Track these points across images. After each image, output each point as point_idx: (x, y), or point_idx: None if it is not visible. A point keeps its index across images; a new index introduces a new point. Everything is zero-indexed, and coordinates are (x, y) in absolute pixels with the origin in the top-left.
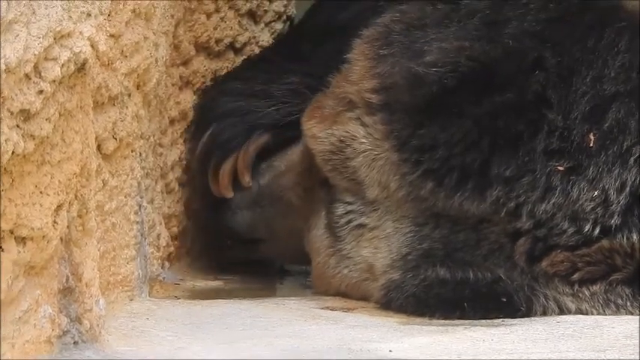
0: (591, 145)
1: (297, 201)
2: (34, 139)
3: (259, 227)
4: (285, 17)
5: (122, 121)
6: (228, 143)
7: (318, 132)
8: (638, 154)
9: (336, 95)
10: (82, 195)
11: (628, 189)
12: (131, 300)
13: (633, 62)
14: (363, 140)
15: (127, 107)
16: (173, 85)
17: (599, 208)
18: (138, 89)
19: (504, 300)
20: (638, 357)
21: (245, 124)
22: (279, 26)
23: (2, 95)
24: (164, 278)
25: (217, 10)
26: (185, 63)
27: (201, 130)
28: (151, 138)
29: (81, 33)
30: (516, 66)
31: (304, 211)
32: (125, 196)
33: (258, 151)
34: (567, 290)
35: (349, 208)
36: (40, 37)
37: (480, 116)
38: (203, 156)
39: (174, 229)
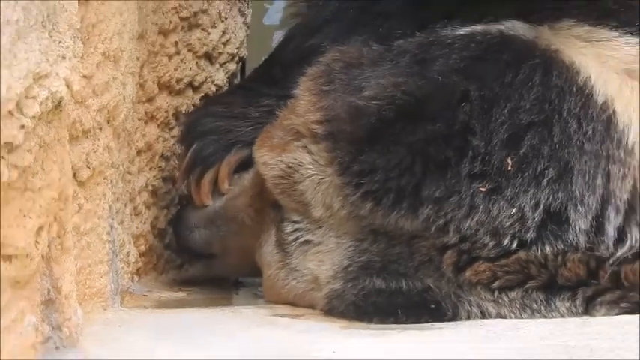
0: (509, 168)
1: (249, 221)
2: (17, 168)
3: (214, 244)
4: (237, 58)
5: (95, 152)
6: (211, 157)
7: (269, 160)
8: (550, 177)
9: (284, 127)
10: (60, 218)
11: (542, 207)
12: (105, 310)
13: (546, 95)
14: (309, 166)
15: (98, 140)
16: (139, 119)
17: (516, 224)
18: (108, 124)
19: (433, 306)
20: (551, 354)
21: (226, 141)
22: (232, 66)
23: None
24: (134, 290)
25: (177, 53)
26: (150, 100)
27: (186, 147)
28: (121, 167)
29: (57, 74)
30: (446, 99)
31: (256, 230)
32: (98, 219)
33: (237, 165)
34: (489, 296)
35: (297, 226)
36: (21, 78)
37: (414, 144)
38: (188, 169)
39: (142, 247)
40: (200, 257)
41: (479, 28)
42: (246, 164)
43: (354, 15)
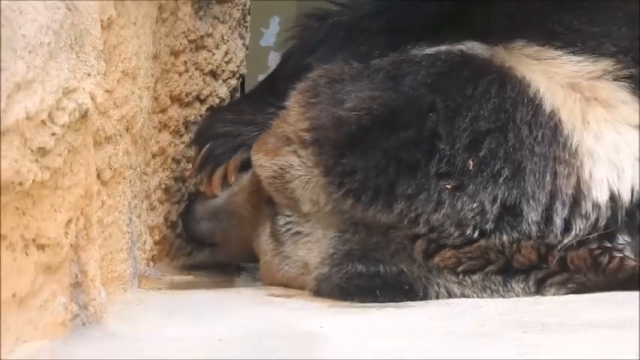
0: (471, 168)
1: (248, 215)
2: (49, 169)
3: (217, 234)
4: (238, 75)
5: (116, 155)
6: (221, 156)
7: (264, 162)
8: (505, 175)
9: (277, 134)
10: (86, 212)
11: (499, 201)
12: (125, 291)
13: (501, 105)
14: (299, 168)
15: (119, 145)
16: (154, 127)
17: (477, 217)
18: (127, 131)
19: (407, 288)
20: (508, 329)
21: (234, 143)
22: (233, 82)
23: (25, 136)
24: (149, 274)
25: (186, 71)
26: (163, 111)
27: (200, 146)
28: (138, 168)
29: (83, 89)
30: (415, 109)
31: (253, 223)
32: (119, 213)
33: (242, 163)
34: (454, 279)
35: (288, 219)
36: (52, 92)
37: (389, 149)
38: (201, 165)
39: (156, 237)
40: (205, 245)
41: (443, 48)
42: (248, 164)
43: (342, 36)
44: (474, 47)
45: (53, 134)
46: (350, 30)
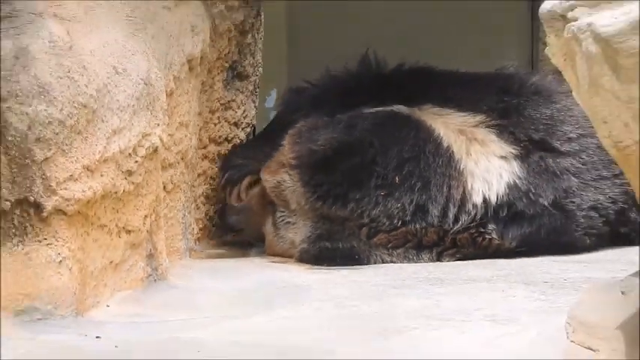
0: (397, 182)
1: (259, 211)
2: (133, 184)
3: (242, 223)
4: (251, 125)
5: (175, 175)
6: (236, 180)
7: (268, 178)
8: (418, 186)
9: (277, 161)
10: (156, 210)
11: (414, 203)
12: (180, 260)
13: (417, 143)
14: (289, 182)
15: (177, 169)
16: (199, 158)
17: (400, 212)
18: (182, 160)
19: (356, 257)
20: (420, 282)
21: (244, 171)
22: (248, 130)
23: (119, 163)
24: (196, 249)
25: (219, 122)
26: (204, 147)
27: (223, 173)
28: (189, 183)
29: (155, 134)
30: (361, 146)
31: (262, 216)
32: (177, 211)
33: (248, 184)
34: (386, 252)
35: (283, 214)
36: (135, 136)
37: (344, 170)
38: (223, 186)
39: (200, 226)
40: (235, 231)
41: (381, 108)
42: (252, 184)
43: (317, 102)
44: (400, 108)
45: (136, 162)
46: (318, 99)
